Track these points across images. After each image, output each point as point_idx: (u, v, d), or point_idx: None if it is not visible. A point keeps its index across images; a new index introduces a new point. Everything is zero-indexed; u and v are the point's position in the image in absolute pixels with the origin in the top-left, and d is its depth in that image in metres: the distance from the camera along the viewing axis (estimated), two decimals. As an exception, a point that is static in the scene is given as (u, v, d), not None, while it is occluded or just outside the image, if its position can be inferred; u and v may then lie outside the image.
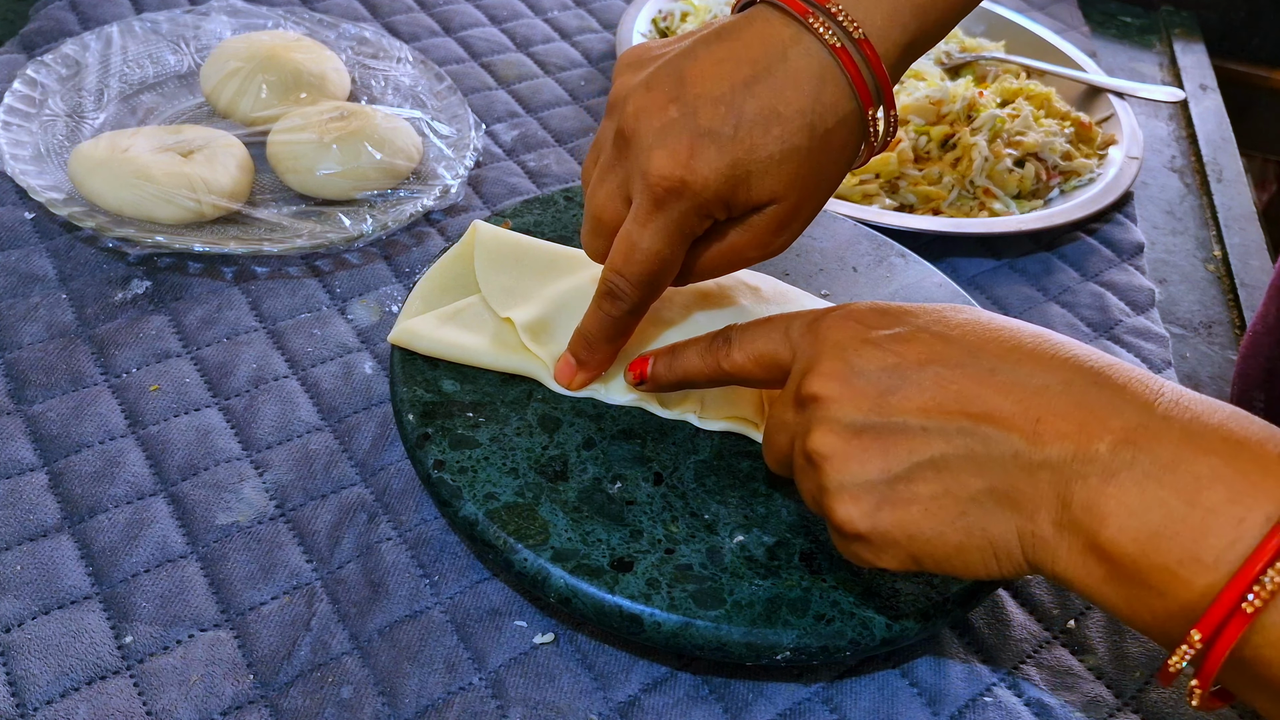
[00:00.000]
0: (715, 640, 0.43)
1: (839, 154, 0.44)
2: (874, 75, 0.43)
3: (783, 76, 0.43)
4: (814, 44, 0.43)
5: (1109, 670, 0.49)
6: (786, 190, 0.44)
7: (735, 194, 0.44)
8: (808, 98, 0.43)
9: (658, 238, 0.44)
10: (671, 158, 0.43)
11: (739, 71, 0.43)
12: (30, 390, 0.53)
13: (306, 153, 0.63)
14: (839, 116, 0.43)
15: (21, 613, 0.45)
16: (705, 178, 0.43)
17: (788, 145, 0.43)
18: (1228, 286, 0.77)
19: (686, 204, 0.43)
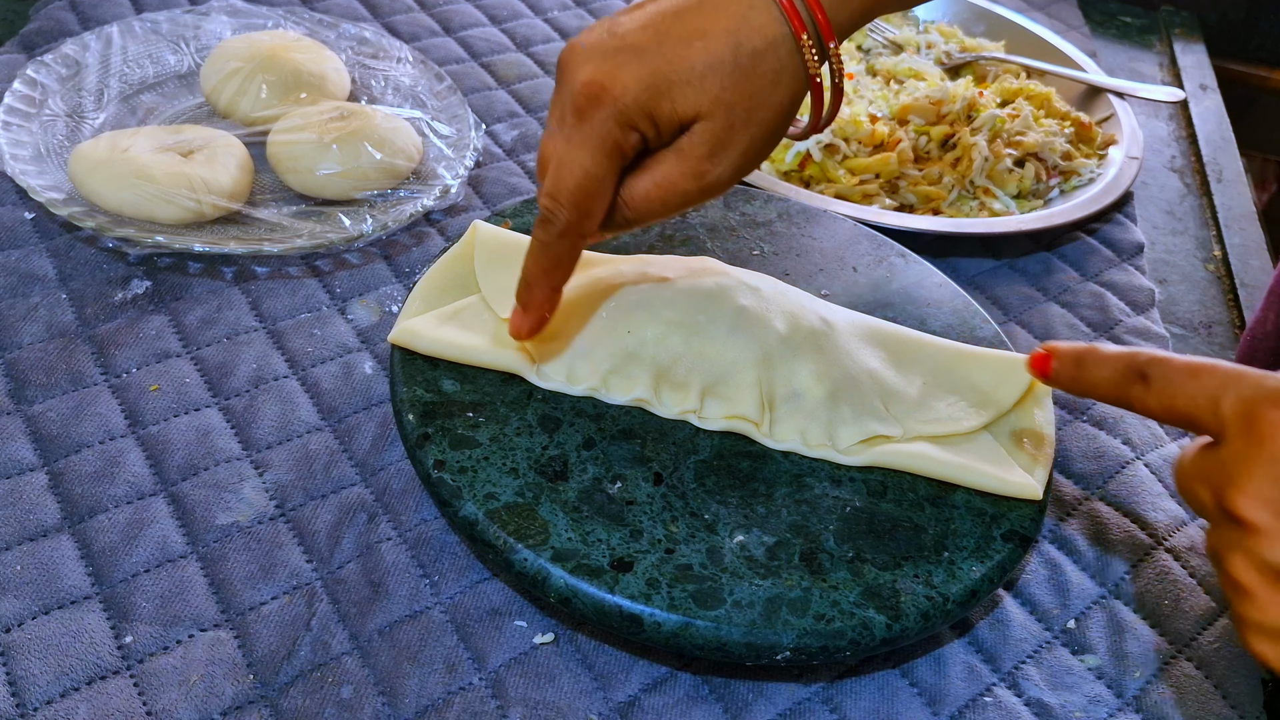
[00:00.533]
0: (715, 640, 0.43)
1: (771, 80, 0.44)
2: (806, 3, 0.44)
3: (712, 6, 0.44)
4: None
5: (1109, 670, 0.49)
6: (711, 105, 0.44)
7: (658, 104, 0.43)
8: (734, 18, 0.43)
9: (582, 150, 0.44)
10: (595, 69, 0.43)
11: (670, 6, 0.44)
12: (30, 390, 0.53)
13: (306, 153, 0.63)
14: (767, 39, 0.43)
15: (21, 613, 0.45)
16: (624, 83, 0.43)
17: (711, 58, 0.43)
18: (1228, 286, 0.77)
19: (607, 110, 0.43)
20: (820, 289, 0.61)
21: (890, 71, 0.86)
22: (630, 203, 0.46)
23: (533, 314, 0.49)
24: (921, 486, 0.51)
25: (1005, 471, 0.51)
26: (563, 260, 0.48)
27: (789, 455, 0.51)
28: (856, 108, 0.78)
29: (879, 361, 0.55)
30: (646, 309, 0.53)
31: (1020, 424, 0.54)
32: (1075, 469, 0.58)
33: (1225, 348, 0.71)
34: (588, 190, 0.45)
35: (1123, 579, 0.53)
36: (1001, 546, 0.48)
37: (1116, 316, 0.69)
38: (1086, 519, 0.55)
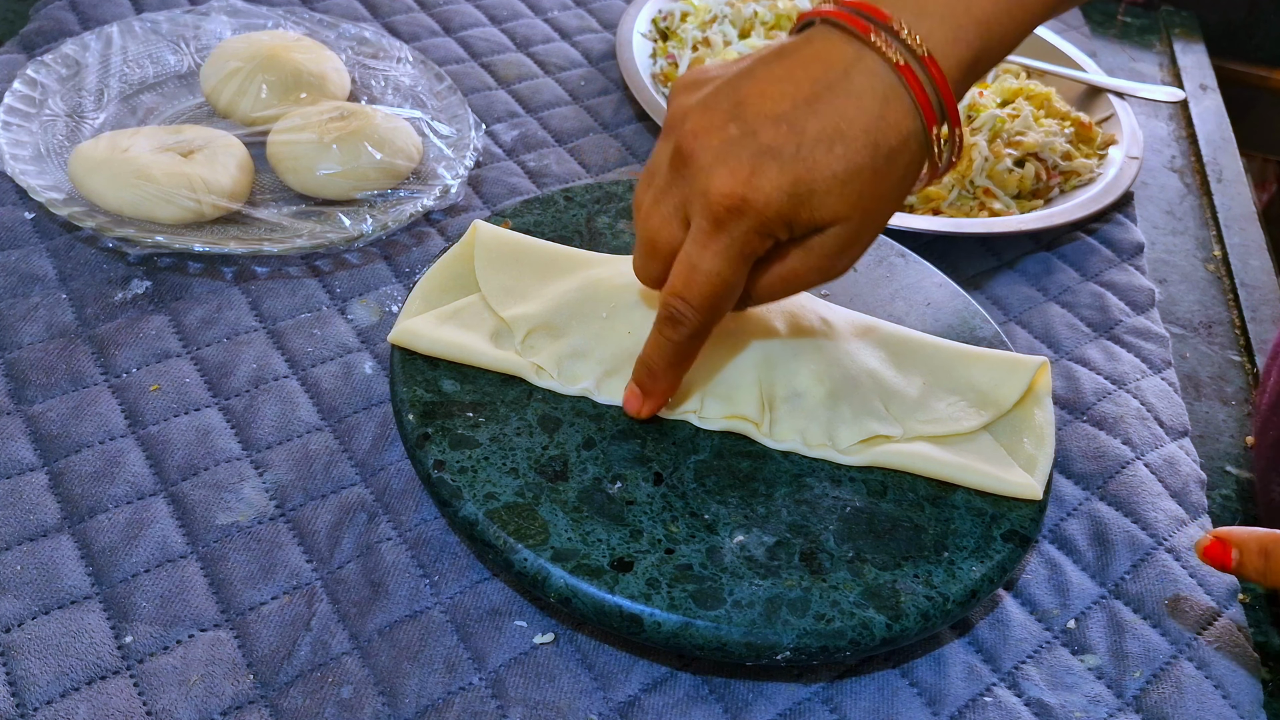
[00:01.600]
0: (715, 640, 0.43)
1: (902, 174, 0.43)
2: (938, 93, 0.42)
3: (845, 95, 0.42)
4: (877, 62, 0.42)
5: (1109, 670, 0.49)
6: (849, 211, 0.43)
7: (797, 213, 0.43)
8: (871, 116, 0.42)
9: (719, 259, 0.43)
10: (732, 176, 0.42)
11: (799, 90, 0.42)
12: (30, 390, 0.53)
13: (306, 153, 0.63)
14: (902, 135, 0.42)
15: (21, 613, 0.45)
16: (767, 195, 0.42)
17: (851, 164, 0.42)
18: (1228, 286, 0.77)
19: (748, 223, 0.42)
20: (820, 289, 0.61)
21: (890, 71, 0.86)
22: (754, 292, 0.47)
23: (655, 400, 0.50)
24: (921, 486, 0.51)
25: (1005, 471, 0.51)
26: (689, 355, 0.48)
27: (789, 455, 0.51)
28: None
29: (879, 361, 0.55)
30: (646, 309, 0.53)
31: (1020, 424, 0.54)
32: (1075, 469, 0.58)
33: (1225, 348, 0.71)
34: (719, 295, 0.45)
35: (1123, 579, 0.53)
36: (1001, 546, 0.48)
37: (1116, 316, 0.69)
38: (1086, 519, 0.55)
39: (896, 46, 0.42)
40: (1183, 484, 0.57)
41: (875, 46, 0.42)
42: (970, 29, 0.42)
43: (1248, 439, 0.64)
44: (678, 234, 0.45)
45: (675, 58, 0.83)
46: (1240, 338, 0.72)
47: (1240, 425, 0.65)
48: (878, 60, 0.42)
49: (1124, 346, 0.66)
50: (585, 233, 0.61)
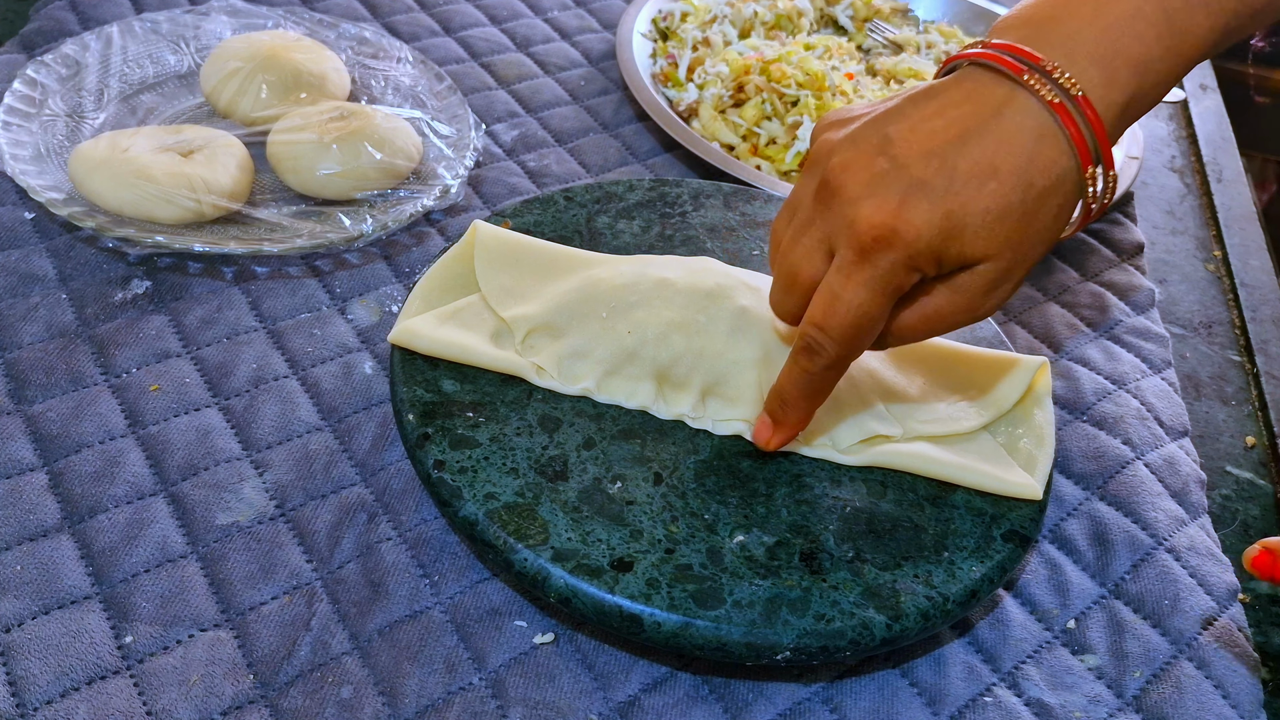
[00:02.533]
0: (715, 640, 0.43)
1: (1054, 215, 0.43)
2: (1093, 133, 0.41)
3: (998, 134, 0.41)
4: (1030, 101, 0.41)
5: (1109, 670, 0.49)
6: (1000, 249, 0.42)
7: (947, 248, 0.42)
8: (1024, 154, 0.41)
9: (863, 290, 0.42)
10: (881, 207, 0.41)
11: (950, 128, 0.42)
12: (30, 390, 0.53)
13: (306, 153, 0.63)
14: (1056, 175, 0.42)
15: (21, 613, 0.45)
16: (918, 229, 0.41)
17: (1003, 202, 0.41)
18: (1228, 286, 0.77)
19: (896, 255, 0.42)
20: (820, 289, 0.61)
21: (890, 71, 0.86)
22: (896, 330, 0.46)
23: (786, 432, 0.49)
24: (921, 486, 0.51)
25: (1005, 471, 0.51)
26: (825, 388, 0.47)
27: (789, 455, 0.51)
28: (856, 108, 0.78)
29: (879, 361, 0.55)
30: (646, 309, 0.53)
31: (1020, 424, 0.54)
32: (1075, 469, 0.58)
33: (1225, 348, 0.71)
34: (861, 328, 0.43)
35: (1123, 579, 0.53)
36: (1001, 546, 0.48)
37: (1116, 316, 0.69)
38: (1086, 519, 0.55)
39: (1050, 86, 0.41)
40: (1183, 484, 0.57)
41: (1029, 86, 0.41)
42: (1123, 71, 0.42)
43: (1247, 439, 0.64)
44: (819, 268, 0.44)
45: (675, 58, 0.83)
46: (1240, 338, 0.72)
47: (1240, 425, 0.65)
48: (1031, 99, 0.41)
49: (1124, 346, 0.66)
50: (585, 233, 0.61)
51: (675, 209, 0.64)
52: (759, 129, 0.77)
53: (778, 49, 0.81)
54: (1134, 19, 0.42)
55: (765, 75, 0.78)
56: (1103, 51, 0.42)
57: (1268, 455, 0.63)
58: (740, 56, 0.80)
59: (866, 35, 0.93)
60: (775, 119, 0.77)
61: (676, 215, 0.64)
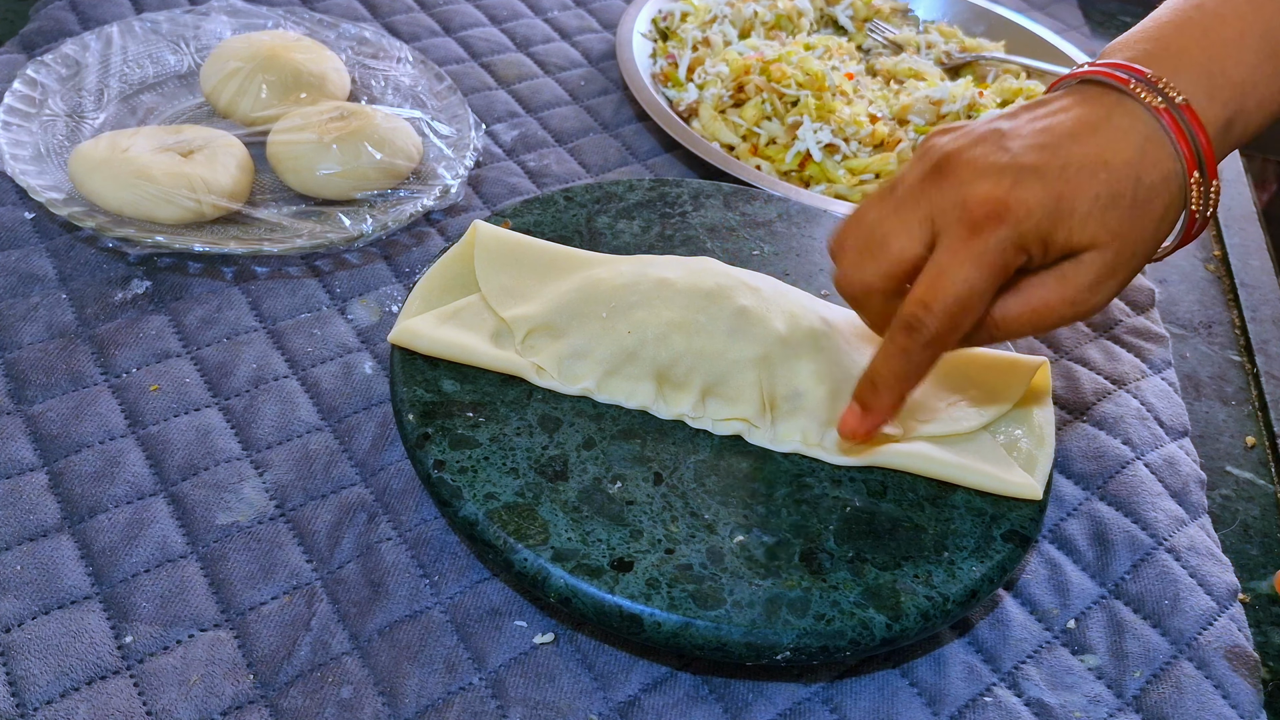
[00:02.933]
0: (715, 640, 0.43)
1: (1161, 213, 0.44)
2: (1196, 140, 0.43)
3: (1108, 133, 0.43)
4: (1137, 107, 0.44)
5: (1109, 670, 0.49)
6: (1108, 238, 0.43)
7: (1055, 230, 0.43)
8: (1133, 150, 0.43)
9: (970, 266, 0.43)
10: (995, 185, 0.42)
11: (1062, 127, 0.44)
12: (30, 390, 0.53)
13: (306, 153, 0.63)
14: (1163, 174, 0.43)
15: (21, 613, 0.45)
16: (1029, 206, 0.42)
17: (1114, 190, 0.43)
18: (1228, 286, 0.77)
19: (1006, 232, 0.42)
20: (820, 289, 0.61)
21: (890, 71, 0.86)
22: (1000, 321, 0.46)
23: (875, 418, 0.48)
24: (921, 486, 0.51)
25: (1005, 471, 0.51)
26: (921, 369, 0.46)
27: (789, 455, 0.51)
28: (856, 108, 0.78)
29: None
30: (646, 309, 0.53)
31: (1020, 424, 0.54)
32: (1075, 469, 0.58)
33: (1225, 348, 0.71)
34: (966, 305, 0.43)
35: (1123, 579, 0.53)
36: (1001, 546, 0.48)
37: (1116, 316, 0.69)
38: (1086, 519, 0.55)
39: (1156, 94, 0.44)
40: (1183, 484, 0.57)
41: (1134, 94, 0.44)
42: (1226, 89, 0.44)
43: (1247, 439, 0.64)
44: (913, 243, 0.45)
45: (675, 58, 0.84)
46: (1240, 338, 0.72)
47: (1240, 425, 0.65)
48: (1138, 106, 0.44)
49: (1124, 346, 0.66)
50: (585, 233, 0.61)
51: (675, 209, 0.64)
52: (759, 129, 0.77)
53: (778, 49, 0.81)
54: (1238, 43, 0.44)
55: (765, 75, 0.78)
56: (1207, 69, 0.44)
57: (1268, 455, 0.63)
58: (740, 56, 0.80)
59: (866, 35, 0.93)
60: (775, 119, 0.77)
61: (676, 215, 0.64)
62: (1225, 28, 0.45)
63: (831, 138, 0.75)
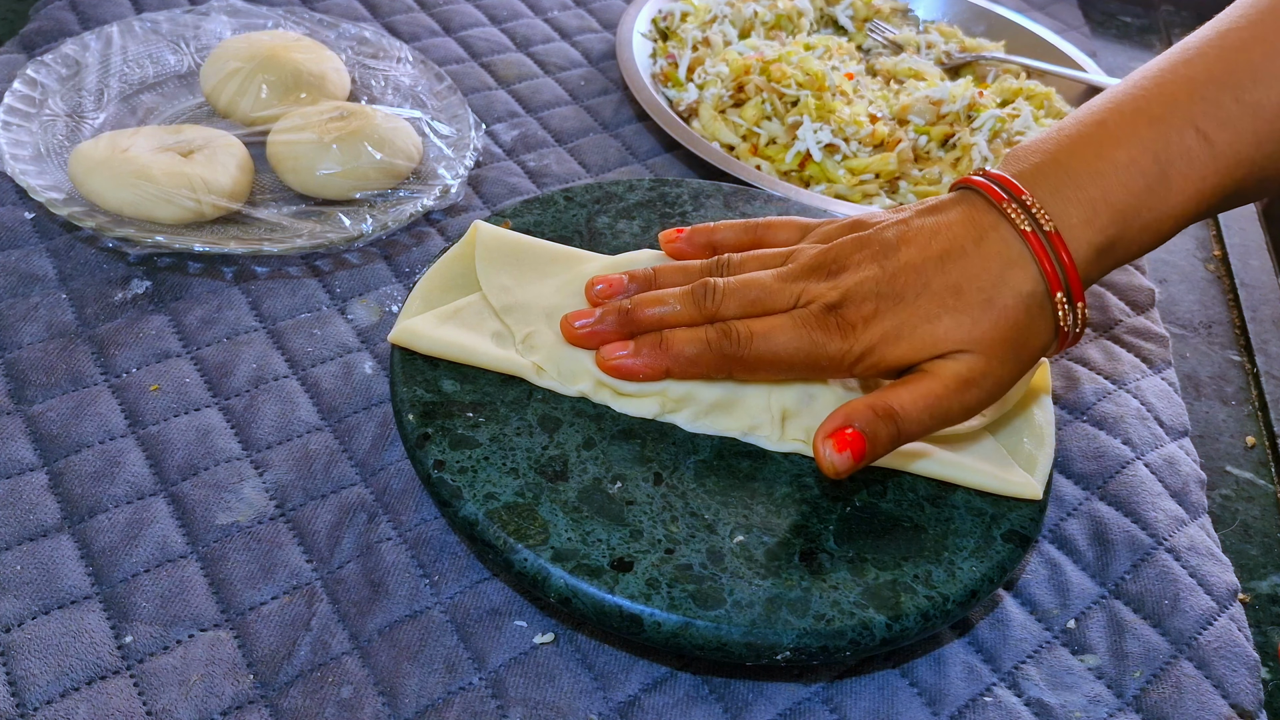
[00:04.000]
0: (715, 640, 0.43)
1: (1024, 329, 0.47)
2: (1062, 266, 0.46)
3: (976, 258, 0.47)
4: (1010, 232, 0.47)
5: (1109, 670, 0.49)
6: (972, 345, 0.46)
7: (892, 346, 0.47)
8: (992, 276, 0.46)
9: (791, 346, 0.47)
10: (858, 307, 0.47)
11: (937, 246, 0.47)
12: (30, 390, 0.53)
13: (306, 153, 0.63)
14: (1020, 296, 0.46)
15: (21, 613, 0.45)
16: (872, 330, 0.47)
17: (962, 314, 0.46)
18: (1228, 286, 0.77)
19: (843, 343, 0.47)
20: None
21: (890, 71, 0.86)
22: (899, 411, 0.47)
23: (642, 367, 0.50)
24: (921, 486, 0.51)
25: (1005, 471, 0.51)
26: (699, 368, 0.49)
27: (789, 455, 0.51)
28: (856, 108, 0.78)
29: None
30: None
31: (1020, 424, 0.54)
32: (1075, 469, 0.58)
33: (1225, 348, 0.71)
34: (765, 361, 0.48)
35: (1123, 579, 0.53)
36: (1001, 546, 0.48)
37: (1116, 316, 0.69)
38: (1086, 519, 0.55)
39: (1025, 218, 0.46)
40: (1183, 484, 0.57)
41: (1006, 215, 0.47)
42: (1105, 215, 0.46)
43: (1248, 439, 0.64)
44: (768, 286, 0.49)
45: (675, 58, 0.84)
46: (1240, 338, 0.72)
47: (1240, 425, 0.65)
48: (1009, 229, 0.47)
49: (1124, 346, 0.66)
50: (585, 233, 0.61)
51: (675, 209, 0.64)
52: (759, 129, 0.77)
53: (778, 49, 0.81)
54: (1128, 168, 0.46)
55: (765, 75, 0.78)
56: (1089, 195, 0.46)
57: (1268, 455, 0.63)
58: (740, 56, 0.80)
59: (866, 35, 0.93)
60: (775, 119, 0.77)
61: (676, 215, 0.64)
62: (1119, 151, 0.47)
63: (831, 138, 0.75)
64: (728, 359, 0.48)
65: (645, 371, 0.49)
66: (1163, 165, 0.47)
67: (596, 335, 0.51)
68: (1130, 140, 0.47)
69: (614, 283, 0.52)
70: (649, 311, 0.50)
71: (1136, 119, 0.47)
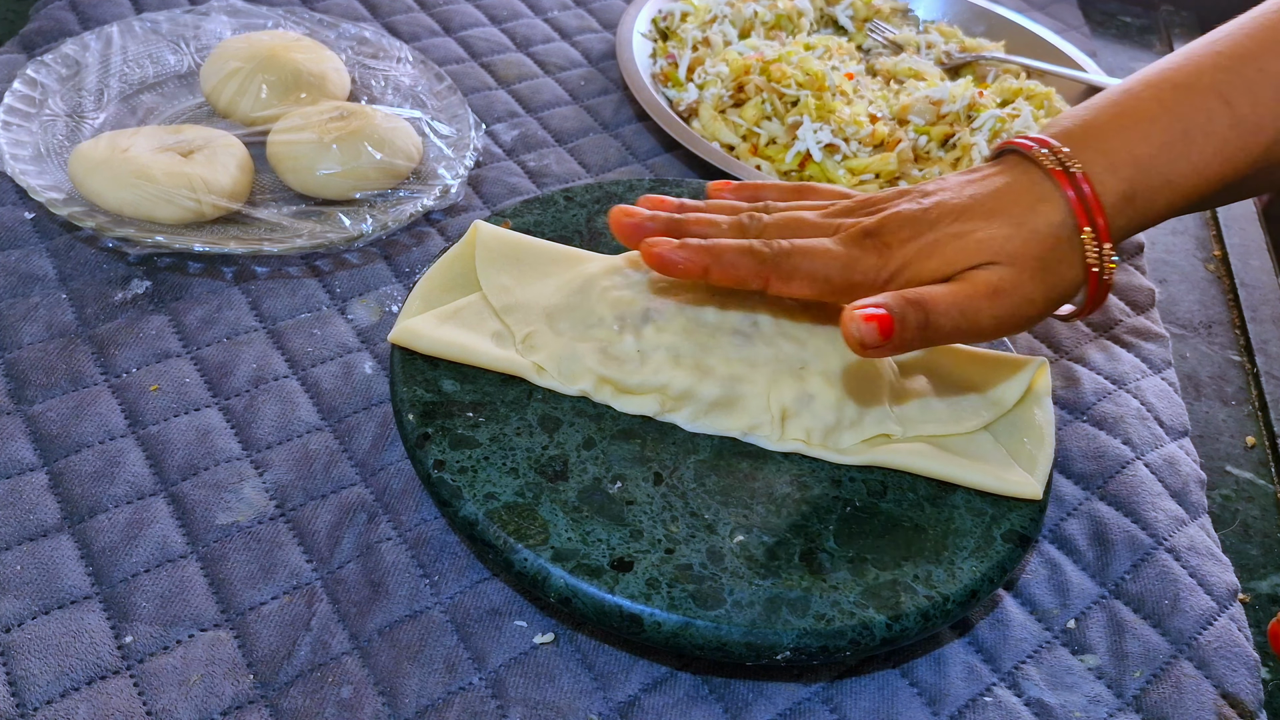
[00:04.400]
0: (715, 640, 0.43)
1: (1054, 253, 0.49)
2: (1086, 199, 0.48)
3: (1007, 193, 0.50)
4: (1039, 173, 0.50)
5: (1109, 670, 0.49)
6: (1005, 259, 0.48)
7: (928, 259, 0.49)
8: (1024, 206, 0.49)
9: (827, 258, 0.48)
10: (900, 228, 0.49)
11: (971, 189, 0.51)
12: (30, 390, 0.53)
13: (306, 153, 0.63)
14: (1051, 224, 0.49)
15: (21, 613, 0.45)
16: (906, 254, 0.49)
17: (999, 230, 0.48)
18: (1228, 286, 0.77)
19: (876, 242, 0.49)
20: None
21: (890, 71, 0.86)
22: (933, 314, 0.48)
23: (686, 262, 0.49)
24: (921, 486, 0.51)
25: (1005, 471, 0.51)
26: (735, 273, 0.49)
27: (789, 455, 0.51)
28: (856, 108, 0.78)
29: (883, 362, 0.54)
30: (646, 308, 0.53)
31: (1020, 424, 0.54)
32: (1075, 469, 0.58)
33: (1225, 348, 0.71)
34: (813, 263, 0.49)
35: (1123, 579, 0.53)
36: (1001, 546, 0.48)
37: (1116, 316, 0.69)
38: (1086, 519, 0.55)
39: (1053, 160, 0.49)
40: (1183, 484, 0.57)
41: (1038, 161, 0.50)
42: (1128, 166, 0.49)
43: (1248, 439, 0.64)
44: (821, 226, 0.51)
45: (675, 58, 0.83)
46: (1240, 338, 0.72)
47: (1240, 425, 0.65)
48: (1038, 170, 0.50)
49: (1124, 346, 0.66)
50: (585, 233, 0.61)
51: (675, 209, 0.64)
52: (759, 129, 0.77)
53: (778, 49, 0.81)
54: (1149, 124, 0.50)
55: (765, 75, 0.78)
56: (1112, 145, 0.50)
57: (1268, 455, 0.63)
58: (740, 56, 0.80)
59: (866, 35, 0.93)
60: (775, 119, 0.77)
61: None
62: (1142, 110, 0.50)
63: (831, 138, 0.75)
64: (766, 265, 0.48)
65: (685, 265, 0.49)
66: (1185, 124, 0.49)
67: (642, 229, 0.51)
68: (1153, 103, 0.50)
69: (664, 202, 0.54)
70: (696, 225, 0.51)
71: (1161, 85, 0.51)
